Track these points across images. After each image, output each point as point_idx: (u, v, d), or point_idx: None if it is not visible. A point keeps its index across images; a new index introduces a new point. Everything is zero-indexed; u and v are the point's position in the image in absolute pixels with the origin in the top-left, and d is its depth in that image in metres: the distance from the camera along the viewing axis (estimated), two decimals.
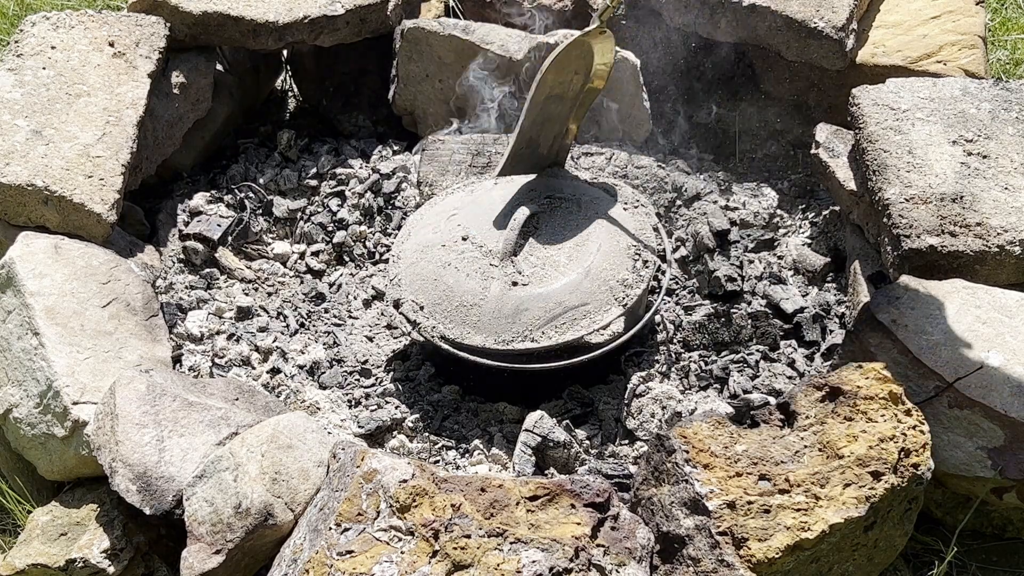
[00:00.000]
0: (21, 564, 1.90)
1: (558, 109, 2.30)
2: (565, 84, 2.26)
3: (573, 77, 2.26)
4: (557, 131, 2.34)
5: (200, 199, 2.69)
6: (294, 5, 2.74)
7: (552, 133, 2.34)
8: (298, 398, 2.23)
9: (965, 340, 1.90)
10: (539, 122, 2.30)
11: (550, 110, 2.29)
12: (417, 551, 1.61)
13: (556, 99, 2.28)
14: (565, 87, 2.27)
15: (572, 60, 2.23)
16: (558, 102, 2.28)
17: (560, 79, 2.24)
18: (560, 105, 2.29)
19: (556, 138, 2.36)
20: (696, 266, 2.51)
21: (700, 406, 2.13)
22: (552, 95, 2.26)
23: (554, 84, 2.24)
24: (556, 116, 2.31)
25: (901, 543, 1.84)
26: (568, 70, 2.24)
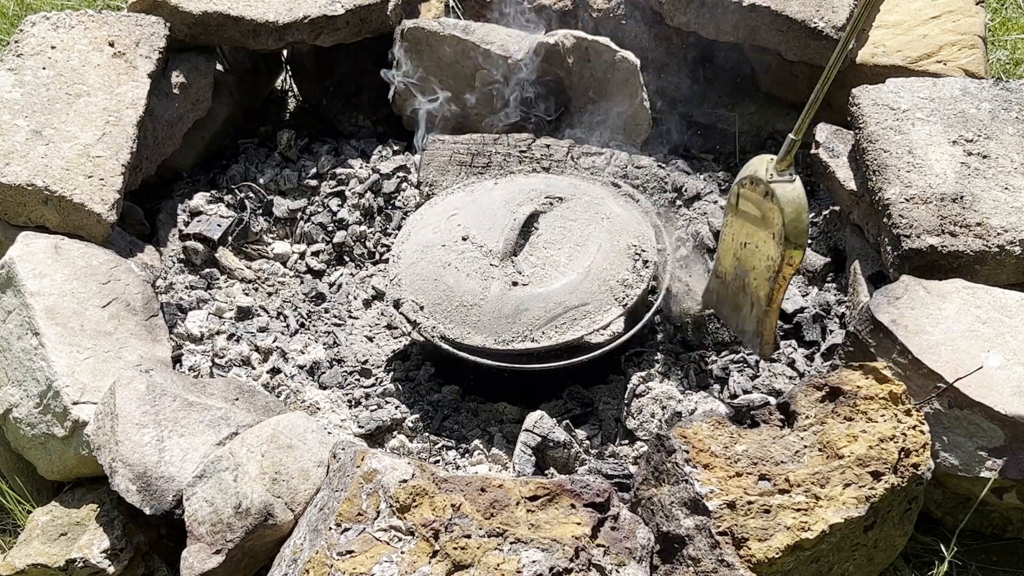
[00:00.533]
0: (21, 564, 1.90)
1: (757, 264, 2.00)
2: (755, 234, 1.98)
3: (764, 225, 1.96)
4: (757, 296, 2.03)
5: (200, 199, 2.69)
6: (294, 5, 2.74)
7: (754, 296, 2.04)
8: (298, 398, 2.23)
9: (965, 340, 1.90)
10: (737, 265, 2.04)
11: (748, 260, 2.02)
12: (417, 551, 1.61)
13: (750, 250, 2.01)
14: (756, 236, 1.99)
15: (759, 205, 1.95)
16: (755, 254, 2.01)
17: (750, 223, 1.98)
18: (755, 263, 2.00)
19: (756, 307, 2.04)
20: (696, 266, 2.51)
21: (700, 406, 2.13)
22: (745, 242, 2.01)
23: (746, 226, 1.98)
24: (757, 274, 2.01)
25: (901, 543, 1.84)
26: (754, 214, 1.97)
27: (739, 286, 2.07)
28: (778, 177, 1.91)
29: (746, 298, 2.06)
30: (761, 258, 1.99)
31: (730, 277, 2.10)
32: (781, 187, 1.90)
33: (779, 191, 1.90)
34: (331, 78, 3.00)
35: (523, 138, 2.69)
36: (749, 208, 1.98)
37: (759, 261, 2.00)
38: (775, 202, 1.91)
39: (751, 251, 2.02)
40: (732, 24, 2.64)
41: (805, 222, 1.90)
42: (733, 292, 2.10)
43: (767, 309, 2.01)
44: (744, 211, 2.00)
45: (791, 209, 1.90)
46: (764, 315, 2.02)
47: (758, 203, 1.95)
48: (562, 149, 2.65)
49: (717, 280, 2.14)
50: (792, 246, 1.91)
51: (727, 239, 2.09)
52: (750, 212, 1.98)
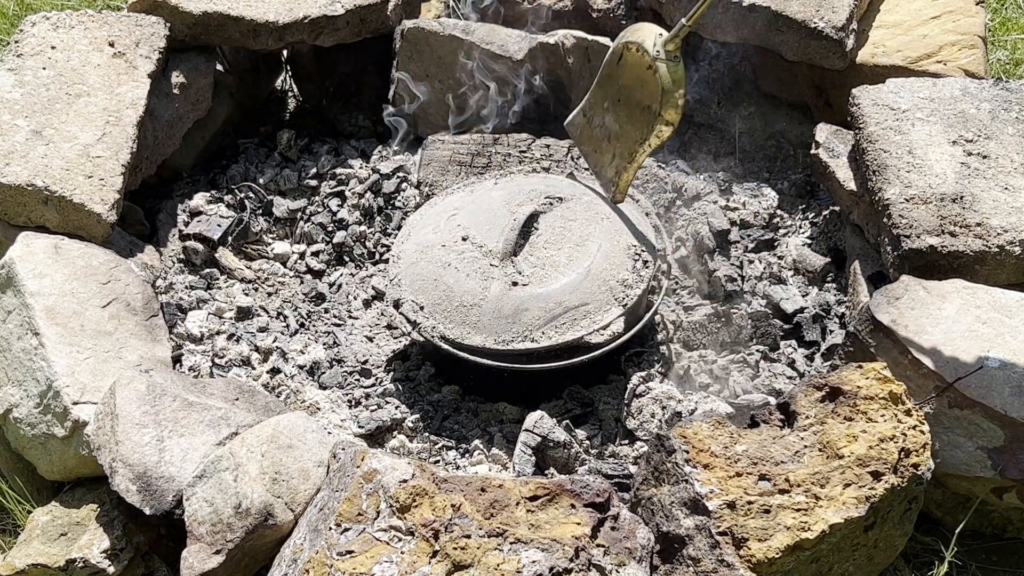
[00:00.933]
0: (21, 564, 1.90)
1: (625, 124, 2.16)
2: (631, 95, 2.13)
3: (641, 92, 2.11)
4: (622, 151, 2.20)
5: (200, 199, 2.69)
6: (294, 5, 2.74)
7: (618, 150, 2.21)
8: (298, 398, 2.23)
9: (965, 340, 1.90)
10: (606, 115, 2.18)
11: (619, 115, 2.17)
12: (417, 551, 1.61)
13: (623, 106, 2.16)
14: (631, 98, 2.13)
15: (640, 72, 2.08)
16: (626, 112, 2.16)
17: (627, 83, 2.12)
18: (624, 122, 2.16)
19: (618, 159, 2.22)
20: (696, 266, 2.51)
21: (700, 406, 2.13)
22: (619, 98, 2.15)
23: (623, 83, 2.11)
24: (624, 132, 2.18)
25: (901, 543, 1.84)
26: (634, 77, 2.11)
27: (604, 135, 2.21)
28: (664, 55, 2.03)
29: (609, 148, 2.21)
30: (632, 121, 2.13)
31: (596, 122, 2.22)
32: (664, 65, 2.03)
33: (662, 69, 2.03)
34: (331, 78, 3.00)
35: (523, 138, 2.69)
36: (629, 70, 2.10)
37: (629, 123, 2.14)
38: (657, 78, 2.03)
39: (623, 110, 2.16)
40: (732, 24, 2.64)
41: (680, 104, 2.04)
42: (597, 137, 2.24)
43: (628, 165, 2.18)
44: (625, 70, 2.12)
45: (670, 89, 2.03)
46: (624, 169, 2.19)
47: (640, 70, 2.08)
48: (562, 149, 2.65)
49: (583, 117, 2.27)
50: (663, 122, 2.06)
51: (602, 87, 2.19)
52: (630, 74, 2.10)
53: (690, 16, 1.99)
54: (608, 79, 2.20)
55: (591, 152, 2.31)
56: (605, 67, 2.20)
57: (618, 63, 2.16)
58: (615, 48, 2.16)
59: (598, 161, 2.28)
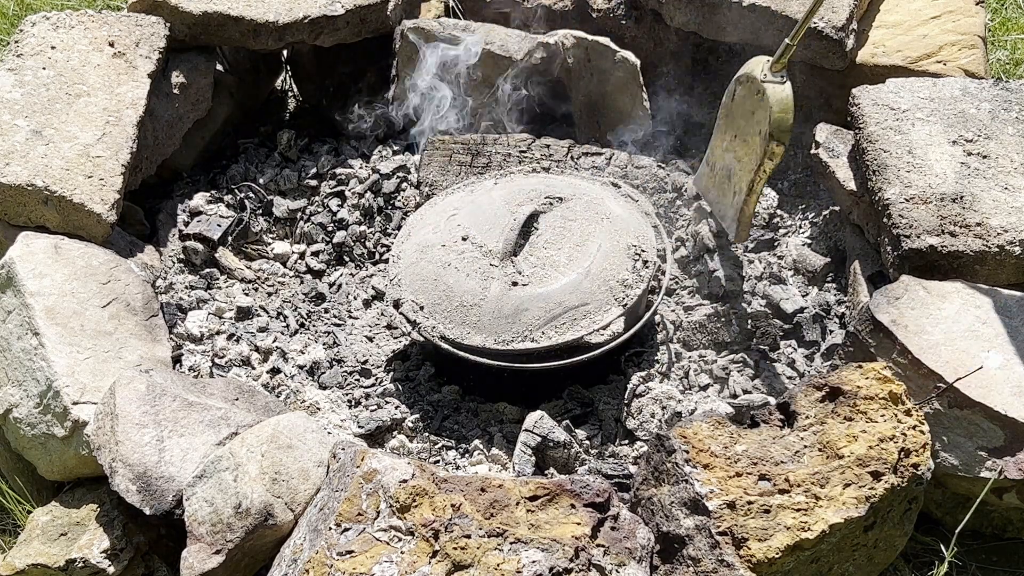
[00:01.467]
0: (21, 564, 1.90)
1: (743, 157, 2.15)
2: (746, 127, 2.13)
3: (753, 121, 2.11)
4: (739, 186, 2.19)
5: (200, 199, 2.69)
6: (294, 5, 2.74)
7: (737, 185, 2.19)
8: (298, 398, 2.23)
9: (965, 340, 1.90)
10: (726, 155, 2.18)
11: (737, 151, 2.16)
12: (417, 551, 1.61)
13: (739, 141, 2.15)
14: (747, 130, 2.13)
15: (751, 101, 2.10)
16: (743, 146, 2.15)
17: (741, 116, 2.11)
18: (742, 155, 2.15)
19: (737, 195, 2.20)
20: (696, 266, 2.51)
21: (700, 406, 2.13)
22: (735, 134, 2.14)
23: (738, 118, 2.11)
24: (742, 165, 2.16)
25: (901, 543, 1.84)
26: (747, 108, 2.11)
27: (725, 175, 2.21)
28: (771, 78, 2.06)
29: (730, 187, 2.21)
30: (748, 152, 2.13)
31: (719, 166, 2.22)
32: (772, 87, 2.06)
33: (770, 90, 2.06)
34: (331, 78, 3.00)
35: (523, 138, 2.69)
36: (742, 104, 2.12)
37: (745, 153, 2.14)
38: (765, 100, 2.06)
39: (739, 144, 2.16)
40: (732, 24, 2.64)
41: (789, 121, 2.06)
42: (720, 180, 2.24)
43: (747, 197, 2.17)
44: (738, 106, 2.14)
45: (778, 108, 2.06)
46: (744, 202, 2.17)
47: (750, 99, 2.10)
48: (562, 149, 2.65)
49: (707, 168, 2.27)
50: (775, 141, 2.07)
51: (721, 130, 2.20)
52: (743, 107, 2.12)
53: (793, 35, 2.01)
54: (725, 120, 2.20)
55: (716, 199, 2.29)
56: (721, 110, 2.20)
57: (732, 101, 2.16)
58: (729, 88, 2.17)
59: (721, 204, 2.26)
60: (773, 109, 2.06)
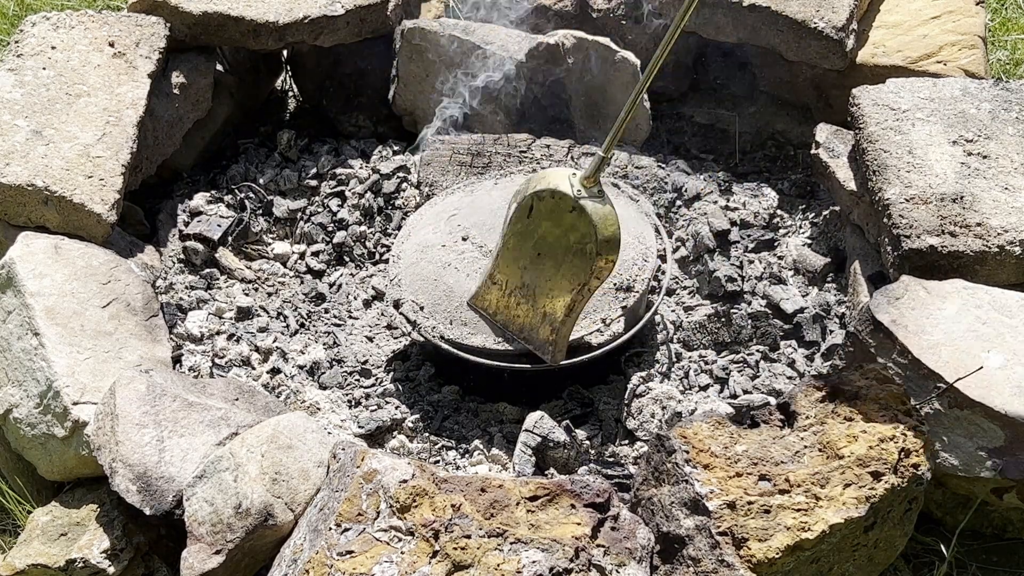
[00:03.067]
0: (21, 564, 1.90)
1: (554, 275, 1.98)
2: (556, 244, 1.96)
3: (568, 238, 1.93)
4: (554, 305, 2.00)
5: (200, 199, 2.69)
6: (294, 5, 2.74)
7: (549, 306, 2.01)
8: (298, 398, 2.23)
9: (965, 340, 1.90)
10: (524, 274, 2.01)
11: (543, 269, 1.99)
12: (417, 551, 1.61)
13: (545, 259, 1.98)
14: (556, 247, 1.96)
15: (561, 217, 1.91)
16: (552, 264, 1.98)
17: (547, 233, 1.95)
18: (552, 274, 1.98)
19: (550, 315, 2.01)
20: (696, 266, 2.51)
21: (700, 406, 2.13)
22: (539, 251, 1.98)
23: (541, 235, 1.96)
24: (555, 284, 1.99)
25: (901, 543, 1.84)
26: (554, 225, 1.94)
27: (525, 295, 2.03)
28: (586, 193, 1.88)
29: (537, 308, 2.03)
30: (562, 270, 1.97)
31: (513, 286, 2.05)
32: (591, 204, 1.88)
33: (590, 208, 1.87)
34: (331, 78, 3.00)
35: (523, 138, 2.69)
36: (548, 219, 1.94)
37: (558, 274, 1.97)
38: (584, 218, 1.88)
39: (547, 262, 1.99)
40: (732, 24, 2.64)
41: (617, 237, 1.90)
42: (518, 300, 2.06)
43: (565, 319, 1.99)
44: (539, 222, 1.96)
45: (603, 225, 1.88)
46: (561, 324, 2.00)
47: (560, 216, 1.92)
48: (562, 149, 2.65)
49: (495, 287, 2.08)
50: (604, 260, 1.90)
51: (514, 247, 2.03)
52: (549, 224, 1.95)
53: (605, 147, 1.85)
54: (519, 237, 2.01)
55: (512, 320, 2.08)
56: (511, 227, 2.00)
57: (529, 216, 1.97)
58: (521, 204, 1.97)
59: (525, 325, 2.06)
60: (599, 227, 1.88)
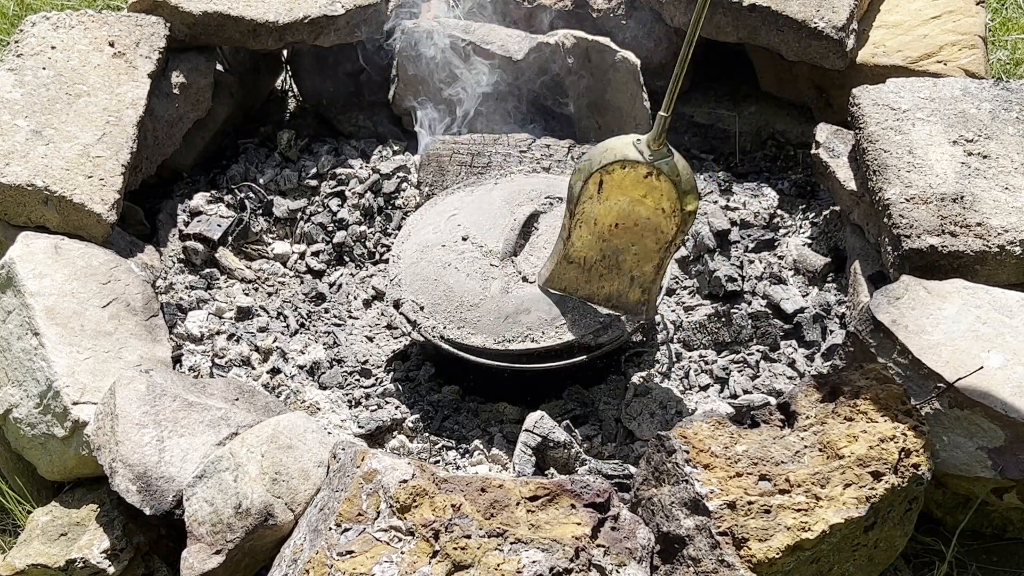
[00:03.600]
0: (21, 564, 1.89)
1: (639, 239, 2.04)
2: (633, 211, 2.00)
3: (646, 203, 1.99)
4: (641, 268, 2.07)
5: (200, 199, 2.69)
6: (294, 5, 2.74)
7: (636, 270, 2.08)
8: (298, 398, 2.23)
9: (965, 340, 1.90)
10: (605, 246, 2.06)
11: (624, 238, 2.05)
12: (417, 551, 1.61)
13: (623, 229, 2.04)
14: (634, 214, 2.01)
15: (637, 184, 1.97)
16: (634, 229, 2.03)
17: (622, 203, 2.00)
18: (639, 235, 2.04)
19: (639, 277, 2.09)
20: (696, 266, 2.51)
21: (700, 406, 2.13)
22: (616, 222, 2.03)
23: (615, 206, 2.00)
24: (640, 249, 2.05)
25: (901, 543, 1.84)
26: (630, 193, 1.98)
27: (609, 265, 2.10)
28: (657, 155, 1.93)
29: (622, 273, 2.09)
30: (645, 235, 2.03)
31: (593, 260, 2.10)
32: (666, 164, 1.94)
33: (666, 168, 1.93)
34: (331, 78, 3.00)
35: (523, 138, 2.69)
36: (621, 190, 1.99)
37: (641, 239, 2.04)
38: (663, 179, 1.94)
39: (626, 231, 2.05)
40: (732, 24, 2.64)
41: (696, 184, 1.98)
42: (599, 274, 2.11)
43: (656, 278, 2.08)
44: (613, 193, 2.01)
45: (685, 179, 1.94)
46: (652, 283, 2.09)
47: (636, 183, 1.97)
48: (562, 149, 2.65)
49: (573, 265, 2.11)
50: (688, 215, 1.97)
51: (585, 223, 2.06)
52: (623, 193, 2.00)
53: (666, 106, 1.89)
54: (593, 213, 2.04)
55: (597, 292, 2.13)
56: (580, 205, 2.03)
57: (600, 191, 2.00)
58: (589, 181, 1.99)
59: (612, 294, 2.12)
60: (680, 182, 1.94)
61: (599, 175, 1.99)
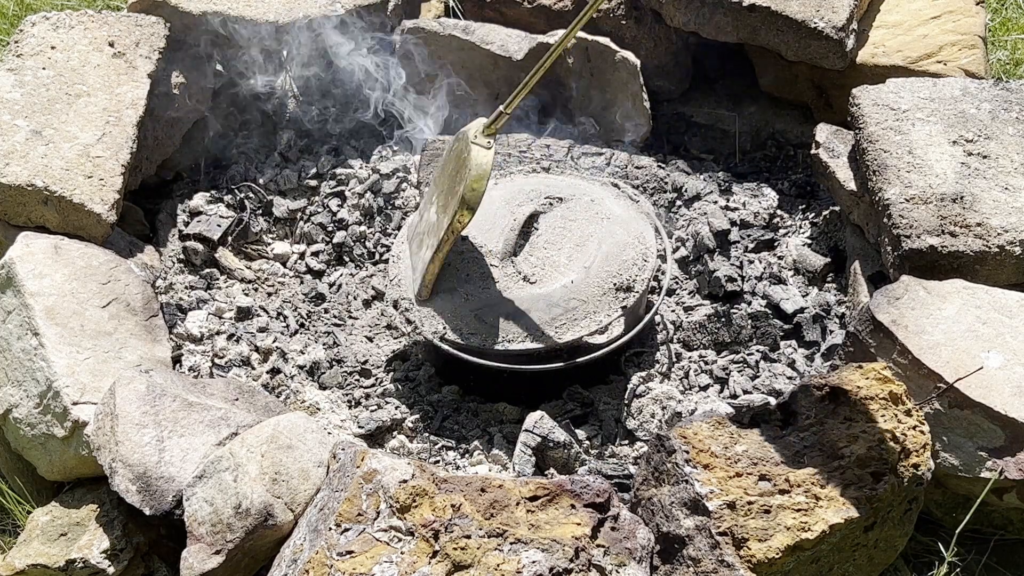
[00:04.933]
0: (21, 564, 1.89)
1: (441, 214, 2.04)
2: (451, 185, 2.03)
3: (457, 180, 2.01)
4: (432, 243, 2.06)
5: (200, 199, 2.69)
6: (294, 5, 2.74)
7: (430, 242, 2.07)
8: (298, 398, 2.23)
9: (965, 340, 1.90)
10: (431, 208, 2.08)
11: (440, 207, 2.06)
12: (417, 551, 1.61)
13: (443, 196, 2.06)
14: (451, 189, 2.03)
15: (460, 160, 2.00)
16: (444, 203, 2.05)
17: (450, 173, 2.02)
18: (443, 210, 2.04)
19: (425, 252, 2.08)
20: (696, 266, 2.51)
21: (700, 406, 2.13)
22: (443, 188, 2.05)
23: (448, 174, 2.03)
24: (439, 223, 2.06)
25: (901, 543, 1.84)
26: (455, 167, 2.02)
27: (426, 228, 2.14)
28: (480, 141, 1.98)
29: (427, 242, 2.13)
30: (446, 211, 2.05)
31: (425, 218, 2.14)
32: (476, 150, 1.98)
33: (473, 151, 1.97)
34: None
35: (523, 138, 2.69)
36: (454, 161, 2.05)
37: (443, 214, 2.06)
38: (468, 161, 1.98)
39: (443, 200, 2.08)
40: (732, 24, 2.64)
41: (481, 189, 1.97)
42: (420, 233, 2.16)
43: (433, 256, 2.07)
44: (450, 162, 2.07)
45: (475, 172, 1.96)
46: (429, 261, 2.08)
47: (461, 159, 2.02)
48: (562, 149, 2.65)
49: (417, 216, 2.18)
50: (464, 206, 1.97)
51: (435, 182, 2.13)
52: (453, 165, 2.05)
53: (507, 103, 1.94)
54: (440, 172, 2.12)
55: (415, 251, 2.17)
56: (441, 164, 2.10)
57: (448, 154, 2.08)
58: (449, 143, 2.09)
59: (417, 259, 2.14)
60: (471, 172, 1.97)
61: (454, 140, 2.07)
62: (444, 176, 2.12)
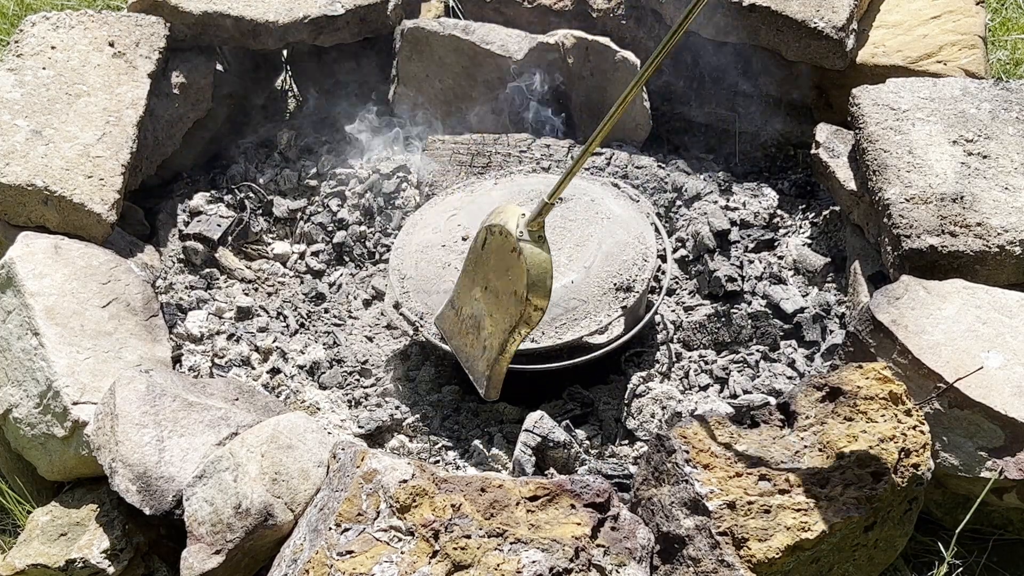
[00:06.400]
0: (21, 564, 1.90)
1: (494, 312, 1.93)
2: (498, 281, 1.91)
3: (507, 277, 1.88)
4: (491, 343, 1.95)
5: (200, 199, 2.69)
6: (294, 5, 2.74)
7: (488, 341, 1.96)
8: (298, 398, 2.23)
9: (965, 340, 1.90)
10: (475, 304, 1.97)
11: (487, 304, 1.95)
12: (417, 551, 1.61)
13: (490, 294, 1.93)
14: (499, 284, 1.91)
15: (505, 255, 1.87)
16: (494, 300, 1.93)
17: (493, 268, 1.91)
18: (493, 311, 1.94)
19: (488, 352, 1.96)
20: (696, 266, 2.51)
21: (700, 406, 2.13)
22: (486, 285, 1.94)
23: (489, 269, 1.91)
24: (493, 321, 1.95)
25: (901, 543, 1.84)
26: (499, 261, 1.89)
27: (474, 325, 2.01)
28: (528, 237, 1.84)
29: (479, 340, 2.00)
30: (500, 309, 1.93)
31: (466, 313, 2.03)
32: (530, 248, 1.83)
33: (527, 251, 1.83)
34: (331, 78, 3.00)
35: (523, 138, 2.69)
36: (495, 256, 1.92)
37: (497, 311, 1.94)
38: (522, 261, 1.83)
39: (492, 297, 1.95)
40: (732, 24, 2.64)
41: (549, 287, 1.85)
42: (467, 328, 2.03)
43: (499, 357, 1.95)
44: (489, 257, 1.94)
45: (536, 272, 1.82)
46: (495, 362, 1.96)
47: (504, 254, 1.89)
48: (562, 149, 2.65)
49: (452, 310, 2.07)
50: (532, 307, 1.85)
51: (469, 275, 2.01)
52: (495, 260, 1.92)
53: (551, 194, 1.81)
54: (475, 266, 1.99)
55: (461, 347, 2.06)
56: (470, 253, 1.99)
57: (483, 248, 1.94)
58: (478, 234, 1.95)
59: (468, 356, 2.04)
60: (532, 274, 1.82)
61: (484, 232, 1.94)
62: (486, 269, 1.96)
